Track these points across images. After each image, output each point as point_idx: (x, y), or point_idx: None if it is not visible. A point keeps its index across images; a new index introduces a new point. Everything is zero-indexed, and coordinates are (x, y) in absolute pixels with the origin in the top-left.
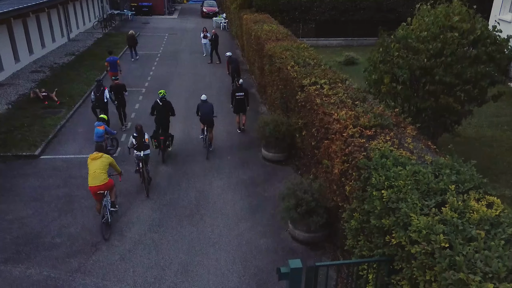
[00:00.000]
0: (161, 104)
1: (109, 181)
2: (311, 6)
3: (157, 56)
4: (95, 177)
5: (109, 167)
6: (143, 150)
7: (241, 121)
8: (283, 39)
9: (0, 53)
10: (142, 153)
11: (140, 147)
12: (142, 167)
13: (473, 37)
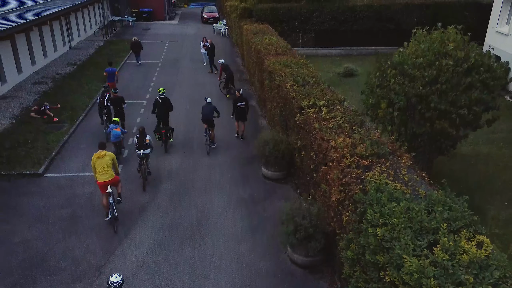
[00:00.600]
0: (161, 101)
1: (115, 176)
2: (310, 16)
3: (158, 65)
4: (103, 173)
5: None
6: (143, 149)
7: (241, 128)
8: (283, 53)
9: (3, 66)
10: (142, 152)
11: (141, 146)
12: (142, 164)
13: (467, 66)
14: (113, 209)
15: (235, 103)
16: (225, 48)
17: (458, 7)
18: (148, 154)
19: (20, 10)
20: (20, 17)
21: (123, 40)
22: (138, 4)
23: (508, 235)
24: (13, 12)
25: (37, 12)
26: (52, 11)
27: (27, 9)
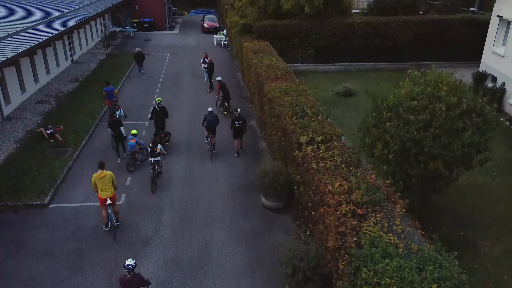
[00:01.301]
0: (158, 110)
1: (114, 193)
2: (310, 33)
3: (159, 81)
4: (105, 190)
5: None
6: (154, 157)
7: (239, 144)
8: (282, 77)
9: (8, 87)
10: (153, 159)
11: (152, 154)
12: (153, 169)
13: (460, 111)
14: (112, 218)
15: (233, 121)
16: (225, 61)
17: (455, 24)
18: (158, 161)
19: (25, 31)
20: (25, 38)
21: (124, 52)
22: (139, 14)
23: (500, 273)
24: (18, 34)
25: (42, 33)
26: (56, 31)
27: (31, 29)
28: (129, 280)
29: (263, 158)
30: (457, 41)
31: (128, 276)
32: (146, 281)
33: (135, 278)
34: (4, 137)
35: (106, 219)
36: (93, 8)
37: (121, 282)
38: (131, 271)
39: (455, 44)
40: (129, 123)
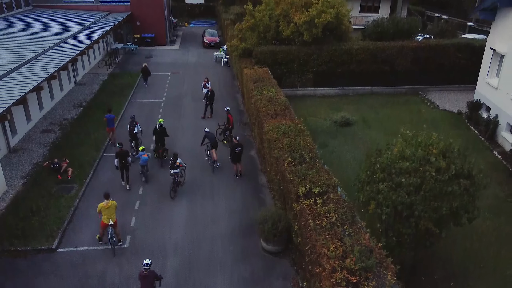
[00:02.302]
0: (159, 130)
1: (116, 219)
2: (308, 59)
3: (160, 105)
4: (110, 217)
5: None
6: (174, 169)
7: (238, 168)
8: (281, 113)
9: (14, 118)
10: (172, 171)
11: (173, 167)
12: (174, 179)
13: (448, 176)
14: (112, 237)
15: (232, 148)
16: (225, 82)
17: (451, 49)
18: (177, 172)
19: (30, 61)
20: (31, 72)
21: (126, 72)
22: (140, 30)
23: None
24: (23, 66)
25: (47, 63)
26: (62, 61)
27: (37, 59)
28: (146, 275)
29: (263, 193)
30: (453, 66)
31: (145, 272)
32: (159, 276)
33: (150, 273)
34: (12, 172)
35: (101, 236)
36: (97, 28)
37: (140, 276)
38: (147, 268)
39: (451, 68)
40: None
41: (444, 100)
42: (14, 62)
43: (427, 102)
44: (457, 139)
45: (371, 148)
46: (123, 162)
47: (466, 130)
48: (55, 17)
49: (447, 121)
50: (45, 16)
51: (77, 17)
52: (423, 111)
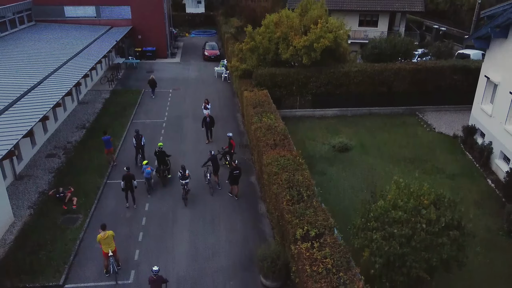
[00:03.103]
0: (158, 153)
1: (115, 247)
2: (307, 82)
3: (162, 126)
4: (108, 246)
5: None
6: (184, 180)
7: (235, 190)
8: (281, 143)
9: (20, 145)
10: (183, 182)
11: (183, 178)
12: (184, 188)
13: (438, 228)
14: (113, 266)
15: (231, 171)
16: (225, 99)
17: (447, 72)
18: (187, 182)
19: (35, 88)
20: (36, 100)
21: (127, 89)
22: (141, 43)
23: None
24: (28, 94)
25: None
26: (67, 87)
27: (41, 85)
28: (155, 280)
29: (262, 224)
30: (450, 87)
31: (154, 277)
32: (165, 279)
33: (158, 278)
34: (18, 201)
35: (106, 267)
36: (99, 44)
37: (149, 281)
38: (156, 274)
39: (448, 89)
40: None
41: (440, 122)
42: (18, 89)
43: (424, 124)
44: (452, 165)
45: (368, 176)
46: (129, 184)
47: (461, 155)
48: (58, 33)
49: (443, 145)
50: (47, 32)
51: (79, 32)
52: (420, 134)
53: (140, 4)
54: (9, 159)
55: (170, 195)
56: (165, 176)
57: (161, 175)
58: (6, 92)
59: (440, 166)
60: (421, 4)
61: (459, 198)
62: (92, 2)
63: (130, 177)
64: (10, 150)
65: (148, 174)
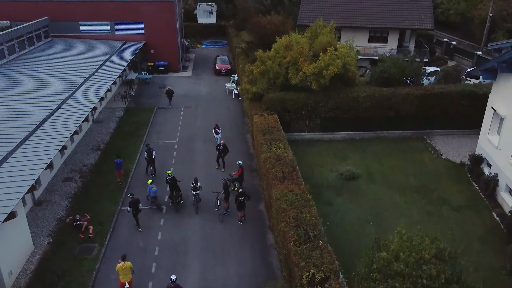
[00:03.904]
0: (170, 181)
1: (131, 278)
2: (316, 106)
3: (174, 148)
4: (125, 277)
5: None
6: (195, 191)
7: (242, 215)
8: (289, 177)
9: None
10: (194, 192)
11: (194, 189)
12: (195, 198)
13: (438, 284)
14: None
15: (237, 198)
16: (236, 117)
17: (455, 97)
18: (198, 193)
19: (52, 115)
20: (54, 130)
21: (140, 107)
22: (154, 58)
23: None
24: (46, 121)
25: (70, 113)
26: (84, 112)
27: (58, 113)
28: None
29: (271, 256)
30: (457, 112)
31: (172, 285)
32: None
33: (176, 286)
34: (37, 229)
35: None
36: (115, 62)
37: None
38: (174, 282)
39: (456, 114)
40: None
41: (448, 148)
42: (37, 115)
43: (431, 150)
44: (458, 196)
45: (374, 207)
46: (136, 209)
47: (468, 185)
48: (74, 49)
49: (449, 174)
50: (64, 48)
51: (95, 47)
52: (427, 161)
53: (153, 20)
54: None
55: (182, 223)
56: (178, 203)
57: (174, 201)
58: (25, 119)
59: (446, 196)
60: (430, 22)
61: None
62: (107, 18)
63: (135, 202)
64: (31, 185)
65: (154, 193)
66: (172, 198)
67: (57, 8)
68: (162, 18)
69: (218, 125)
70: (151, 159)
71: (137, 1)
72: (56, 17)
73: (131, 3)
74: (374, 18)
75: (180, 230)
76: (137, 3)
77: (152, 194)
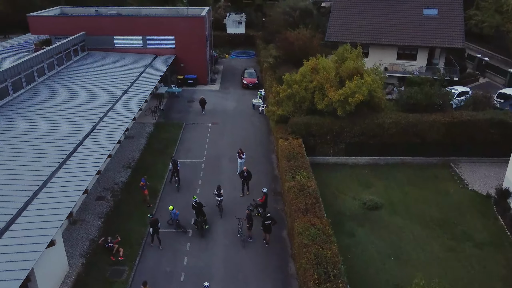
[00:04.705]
0: (196, 206)
1: None
2: (341, 132)
3: (201, 167)
4: None
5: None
6: (219, 197)
7: (267, 238)
8: (311, 208)
9: None
10: (219, 198)
11: (219, 195)
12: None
13: None
14: None
15: (263, 221)
16: (261, 136)
17: (484, 125)
18: (222, 199)
19: (89, 136)
20: (91, 151)
21: (169, 123)
22: (183, 71)
23: None
24: (83, 143)
25: (104, 139)
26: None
27: (94, 131)
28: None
29: (292, 287)
30: (486, 139)
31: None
32: None
33: None
34: (72, 249)
35: None
36: (147, 77)
37: None
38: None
39: (484, 142)
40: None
41: (474, 177)
42: (72, 137)
43: (457, 179)
44: (482, 232)
45: (396, 240)
46: (155, 228)
47: (493, 220)
48: (109, 63)
49: (474, 206)
50: (100, 62)
51: (128, 61)
52: (451, 191)
53: (184, 34)
54: None
55: (207, 247)
56: (203, 228)
57: (199, 227)
58: (62, 141)
59: (469, 231)
60: (461, 40)
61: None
62: (139, 33)
63: (155, 222)
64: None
65: (176, 216)
66: (197, 224)
67: (93, 23)
68: (193, 33)
69: (242, 150)
70: (176, 170)
71: (169, 17)
72: (92, 32)
73: (163, 19)
74: (403, 35)
75: (205, 255)
76: (169, 18)
77: (174, 217)
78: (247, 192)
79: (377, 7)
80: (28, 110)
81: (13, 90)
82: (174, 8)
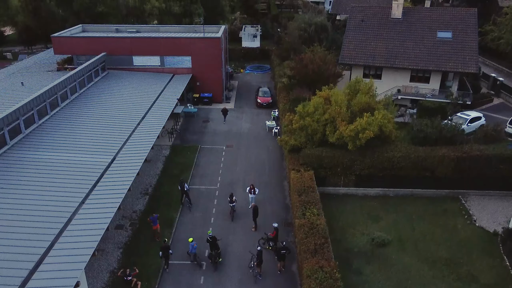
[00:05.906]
0: (211, 240)
1: None
2: (352, 164)
3: (215, 195)
4: None
5: None
6: (232, 203)
7: (281, 265)
8: (320, 249)
9: None
10: (231, 205)
11: (231, 202)
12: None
13: None
14: None
15: (279, 250)
16: (274, 160)
17: (493, 160)
18: (234, 205)
19: (110, 167)
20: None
21: (185, 146)
22: (199, 89)
23: None
24: (104, 175)
25: (125, 170)
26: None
27: (115, 161)
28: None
29: None
30: (495, 174)
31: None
32: None
33: None
34: (94, 281)
35: None
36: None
37: None
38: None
39: (493, 177)
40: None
41: (483, 212)
42: (94, 169)
43: (465, 214)
44: (487, 272)
45: (402, 280)
46: (166, 253)
47: (499, 260)
48: (128, 84)
49: (481, 244)
50: (120, 82)
51: (146, 80)
52: (459, 227)
53: (200, 54)
54: None
55: (220, 281)
56: (217, 262)
57: (213, 260)
58: (85, 174)
59: (475, 272)
60: (475, 65)
61: None
62: (158, 53)
63: (167, 248)
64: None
65: (194, 249)
66: (211, 257)
67: (114, 43)
68: (209, 53)
69: (254, 186)
70: (184, 191)
71: (186, 38)
72: (112, 52)
73: (181, 39)
74: (416, 59)
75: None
76: (186, 39)
77: (193, 251)
78: (253, 229)
79: (391, 29)
80: (51, 139)
81: (38, 118)
82: (192, 26)
